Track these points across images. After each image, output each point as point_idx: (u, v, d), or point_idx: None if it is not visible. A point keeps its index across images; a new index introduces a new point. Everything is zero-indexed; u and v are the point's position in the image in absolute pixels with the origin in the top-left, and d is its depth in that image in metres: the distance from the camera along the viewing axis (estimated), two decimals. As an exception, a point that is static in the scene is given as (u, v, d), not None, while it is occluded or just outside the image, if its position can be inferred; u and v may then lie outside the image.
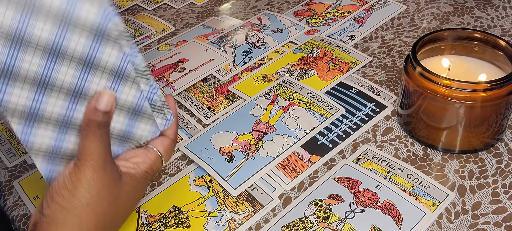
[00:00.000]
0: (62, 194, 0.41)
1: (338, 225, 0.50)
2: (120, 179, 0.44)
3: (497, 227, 0.49)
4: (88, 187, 0.41)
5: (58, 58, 0.42)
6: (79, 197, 0.41)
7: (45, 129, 0.43)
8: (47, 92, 0.42)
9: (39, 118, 0.43)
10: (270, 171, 0.57)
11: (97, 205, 0.42)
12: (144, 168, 0.46)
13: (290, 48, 0.77)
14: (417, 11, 0.83)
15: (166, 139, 0.49)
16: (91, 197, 0.41)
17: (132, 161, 0.46)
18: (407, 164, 0.56)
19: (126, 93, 0.46)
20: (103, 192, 0.42)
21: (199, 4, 0.94)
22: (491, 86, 0.51)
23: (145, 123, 0.48)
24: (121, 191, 0.44)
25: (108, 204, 0.43)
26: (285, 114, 0.64)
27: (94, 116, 0.42)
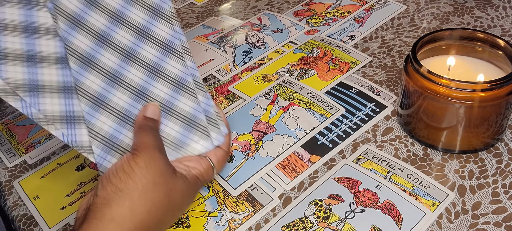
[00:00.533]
0: (119, 175, 0.42)
1: (338, 225, 0.50)
2: (175, 173, 0.45)
3: (497, 227, 0.49)
4: (145, 171, 0.42)
5: (131, 61, 0.50)
6: (136, 180, 0.41)
7: (107, 117, 0.48)
8: (117, 86, 0.49)
9: (105, 105, 0.48)
10: (270, 171, 0.57)
11: (151, 192, 0.42)
12: (195, 173, 0.47)
13: (290, 48, 0.77)
14: (417, 11, 0.83)
15: (219, 150, 0.50)
16: (147, 182, 0.42)
17: (185, 164, 0.48)
18: (407, 164, 0.56)
19: (184, 103, 0.50)
20: (159, 179, 0.42)
21: (199, 4, 0.94)
22: (491, 86, 0.51)
23: (199, 136, 0.50)
24: (175, 185, 0.44)
25: (162, 194, 0.43)
26: (285, 115, 0.64)
27: (145, 122, 0.47)
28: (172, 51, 0.51)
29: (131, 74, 0.50)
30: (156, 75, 0.50)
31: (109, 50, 0.50)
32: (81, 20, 0.50)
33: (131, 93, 0.49)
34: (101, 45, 0.50)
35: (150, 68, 0.50)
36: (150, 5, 0.52)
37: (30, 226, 0.55)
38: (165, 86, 0.50)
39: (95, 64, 0.49)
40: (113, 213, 0.40)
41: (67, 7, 0.50)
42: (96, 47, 0.49)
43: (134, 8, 0.52)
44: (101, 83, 0.49)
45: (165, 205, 0.43)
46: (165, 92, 0.50)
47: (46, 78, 0.47)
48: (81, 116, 0.47)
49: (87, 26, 0.50)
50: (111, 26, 0.50)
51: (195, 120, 0.50)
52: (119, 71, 0.49)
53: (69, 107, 0.47)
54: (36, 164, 0.63)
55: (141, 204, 0.41)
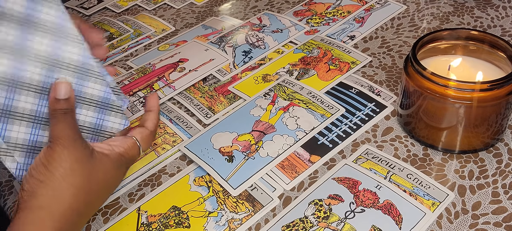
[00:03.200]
0: (38, 169, 0.45)
1: (338, 225, 0.50)
2: (92, 155, 0.47)
3: (497, 227, 0.49)
4: (60, 161, 0.45)
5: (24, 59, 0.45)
6: (53, 171, 0.45)
7: (19, 125, 0.47)
8: (18, 90, 0.45)
9: (13, 114, 0.46)
10: (270, 171, 0.57)
11: (70, 177, 0.45)
12: (118, 151, 0.50)
13: (290, 48, 0.77)
14: (417, 11, 0.83)
15: (144, 130, 0.53)
16: (65, 170, 0.45)
17: (108, 143, 0.50)
18: (407, 164, 0.56)
19: (91, 88, 0.49)
20: (75, 164, 0.45)
21: (199, 4, 0.94)
22: (491, 86, 0.51)
23: (114, 115, 0.51)
24: (94, 167, 0.47)
25: (83, 178, 0.46)
26: (285, 115, 0.64)
27: (57, 105, 0.46)
28: (65, 36, 0.46)
29: (29, 73, 0.45)
30: (56, 67, 0.46)
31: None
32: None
33: (35, 93, 0.46)
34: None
35: (47, 61, 0.45)
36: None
37: (30, 226, 0.55)
38: (69, 76, 0.47)
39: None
40: (40, 202, 0.44)
41: None
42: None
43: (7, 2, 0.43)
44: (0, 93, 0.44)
45: (88, 186, 0.46)
46: (71, 82, 0.47)
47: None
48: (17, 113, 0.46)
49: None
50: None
51: (106, 102, 0.50)
52: (15, 74, 0.44)
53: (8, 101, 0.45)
54: (36, 164, 0.63)
55: (63, 190, 0.45)
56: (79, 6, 0.98)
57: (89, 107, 0.49)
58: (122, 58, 0.81)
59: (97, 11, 0.96)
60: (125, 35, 0.86)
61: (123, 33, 0.87)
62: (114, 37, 0.86)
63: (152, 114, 0.55)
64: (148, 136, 0.53)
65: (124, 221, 0.54)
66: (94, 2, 0.99)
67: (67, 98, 0.46)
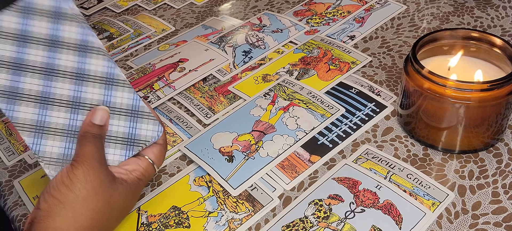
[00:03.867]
0: (59, 188, 0.43)
1: (338, 225, 0.50)
2: (115, 180, 0.46)
3: (497, 227, 0.49)
4: (84, 182, 0.44)
5: (53, 76, 0.47)
6: (76, 192, 0.43)
7: (53, 139, 0.47)
8: (49, 106, 0.47)
9: (46, 130, 0.47)
10: (270, 171, 0.57)
11: (92, 201, 0.44)
12: (136, 175, 0.48)
13: (290, 48, 0.77)
14: (417, 11, 0.83)
15: (156, 146, 0.51)
16: (87, 193, 0.43)
17: (124, 168, 0.48)
18: (407, 164, 0.56)
19: (121, 97, 0.49)
20: (99, 188, 0.44)
21: (199, 4, 0.94)
22: (491, 86, 0.51)
23: (146, 122, 0.50)
24: (116, 191, 0.46)
25: (103, 202, 0.45)
26: (285, 115, 0.64)
27: (90, 129, 0.46)
28: (88, 50, 0.48)
29: (58, 89, 0.47)
30: (84, 80, 0.48)
31: (28, 74, 0.47)
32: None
33: (66, 108, 0.48)
34: (18, 73, 0.46)
35: (74, 75, 0.48)
36: (49, 11, 0.47)
37: (30, 226, 0.55)
38: (96, 88, 0.49)
39: (21, 95, 0.47)
40: (58, 223, 0.42)
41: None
42: (15, 77, 0.46)
43: (34, 22, 0.47)
44: (33, 110, 0.47)
45: (107, 211, 0.45)
46: (98, 93, 0.49)
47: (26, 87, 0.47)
48: (50, 128, 0.47)
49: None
50: (20, 50, 0.47)
51: (136, 110, 0.50)
52: (46, 92, 0.47)
53: (41, 117, 0.48)
54: (36, 164, 0.63)
55: (83, 213, 0.43)
56: (79, 6, 0.98)
57: (120, 117, 0.49)
58: (122, 58, 0.81)
59: (97, 11, 0.96)
60: (125, 35, 0.86)
61: (123, 33, 0.87)
62: (114, 37, 0.86)
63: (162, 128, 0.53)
64: (160, 151, 0.52)
65: (124, 221, 0.54)
66: (94, 2, 0.99)
67: (102, 125, 0.47)
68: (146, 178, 0.50)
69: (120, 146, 0.49)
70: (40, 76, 0.47)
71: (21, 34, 0.46)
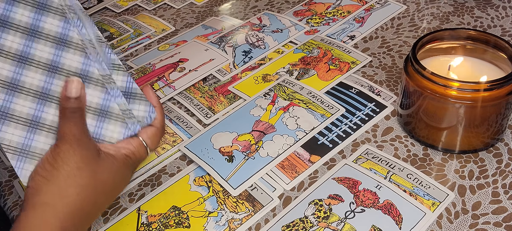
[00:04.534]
0: (45, 167, 0.45)
1: (338, 225, 0.50)
2: (99, 155, 0.47)
3: (497, 227, 0.49)
4: (66, 159, 0.45)
5: (26, 65, 0.47)
6: (59, 168, 0.45)
7: (14, 127, 0.47)
8: (17, 94, 0.47)
9: (9, 116, 0.47)
10: (270, 171, 0.57)
11: (76, 177, 0.45)
12: (124, 152, 0.49)
13: (290, 48, 0.77)
14: (417, 11, 0.83)
15: (151, 128, 0.51)
16: (70, 169, 0.45)
17: (114, 145, 0.49)
18: (407, 164, 0.56)
19: (91, 94, 0.48)
20: (81, 163, 0.45)
21: (199, 4, 0.94)
22: (491, 86, 0.51)
23: (113, 124, 0.49)
24: (100, 166, 0.47)
25: (88, 177, 0.46)
26: (285, 114, 0.64)
27: (67, 103, 0.46)
28: (67, 44, 0.48)
29: (29, 78, 0.47)
30: (56, 73, 0.47)
31: (1, 59, 0.46)
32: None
33: (34, 98, 0.47)
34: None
35: (48, 67, 0.47)
36: (35, 1, 0.47)
37: (30, 226, 0.55)
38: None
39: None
40: (44, 198, 0.44)
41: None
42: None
43: (16, 8, 0.47)
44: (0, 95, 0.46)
45: (93, 185, 0.46)
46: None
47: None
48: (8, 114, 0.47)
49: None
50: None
51: (106, 109, 0.49)
52: (15, 78, 0.47)
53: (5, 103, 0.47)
54: (36, 164, 0.63)
55: (68, 187, 0.45)
56: (79, 6, 0.98)
57: (87, 115, 0.48)
58: (122, 58, 0.81)
59: (97, 11, 0.96)
60: (125, 35, 0.86)
61: (123, 33, 0.87)
62: (114, 37, 0.86)
63: (156, 109, 0.53)
64: (155, 134, 0.51)
65: (124, 221, 0.54)
66: (94, 2, 0.99)
67: (78, 97, 0.46)
68: (136, 157, 0.50)
69: (120, 123, 0.49)
70: (11, 62, 0.46)
71: (2, 19, 0.46)
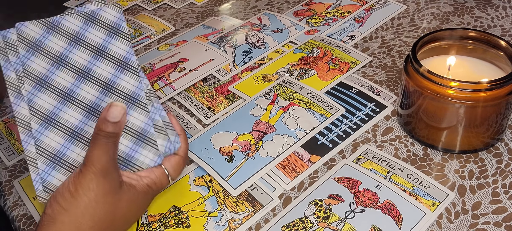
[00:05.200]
0: (64, 195, 0.44)
1: (338, 225, 0.50)
2: (120, 187, 0.46)
3: (497, 227, 0.49)
4: (87, 191, 0.44)
5: (85, 79, 0.51)
6: (77, 198, 0.44)
7: (56, 133, 0.49)
8: (69, 104, 0.50)
9: (54, 123, 0.49)
10: (270, 171, 0.57)
11: (94, 210, 0.44)
12: (146, 182, 0.48)
13: (290, 48, 0.77)
14: (417, 11, 0.83)
15: (174, 157, 0.51)
16: (89, 201, 0.44)
17: (136, 174, 0.49)
18: (407, 164, 0.56)
19: (136, 117, 0.50)
20: (101, 197, 0.44)
21: (199, 4, 0.94)
22: (491, 86, 0.51)
23: (148, 150, 0.50)
24: (120, 200, 0.46)
25: (106, 211, 0.45)
26: (285, 114, 0.64)
27: (103, 126, 0.45)
28: (127, 68, 0.52)
29: (84, 91, 0.50)
30: (109, 92, 0.51)
31: (64, 70, 0.51)
32: (40, 45, 0.52)
33: (82, 110, 0.50)
34: (57, 66, 0.51)
35: (104, 85, 0.51)
36: (108, 24, 0.53)
37: (30, 226, 0.55)
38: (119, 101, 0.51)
39: (49, 85, 0.50)
40: (60, 228, 0.43)
41: (28, 34, 0.52)
42: (52, 69, 0.51)
43: (92, 29, 0.53)
44: (53, 102, 0.50)
45: (110, 219, 0.46)
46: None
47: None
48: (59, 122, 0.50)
49: (45, 50, 0.51)
50: (68, 48, 0.52)
51: (145, 134, 0.50)
52: (72, 90, 0.50)
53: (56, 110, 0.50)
54: (36, 164, 0.63)
55: (84, 221, 0.44)
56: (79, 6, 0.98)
57: (126, 135, 0.50)
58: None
59: (97, 11, 0.96)
60: (125, 35, 0.86)
61: (123, 33, 0.87)
62: (114, 37, 0.86)
63: (181, 137, 0.53)
64: (178, 162, 0.52)
65: (124, 221, 0.54)
66: (94, 2, 0.99)
67: (117, 122, 0.46)
68: (158, 186, 0.49)
69: (154, 151, 0.50)
70: (73, 75, 0.51)
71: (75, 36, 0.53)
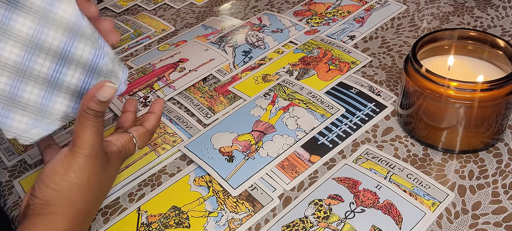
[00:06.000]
0: (53, 179, 0.44)
1: (338, 225, 0.50)
2: (108, 163, 0.48)
3: (497, 227, 0.49)
4: (79, 173, 0.45)
5: (35, 51, 0.45)
6: (70, 182, 0.45)
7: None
8: (25, 80, 0.45)
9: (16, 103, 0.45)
10: (270, 171, 0.57)
11: (86, 188, 0.46)
12: (116, 147, 0.50)
13: (290, 48, 0.77)
14: (417, 11, 0.83)
15: (142, 128, 0.53)
16: (82, 182, 0.45)
17: (107, 139, 0.50)
18: (407, 164, 0.56)
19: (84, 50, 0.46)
20: (93, 177, 0.46)
21: (199, 4, 0.94)
22: (491, 86, 0.51)
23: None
24: (107, 173, 0.48)
25: (96, 186, 0.47)
26: (285, 115, 0.64)
27: (93, 105, 0.44)
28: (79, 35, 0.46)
29: (37, 64, 0.44)
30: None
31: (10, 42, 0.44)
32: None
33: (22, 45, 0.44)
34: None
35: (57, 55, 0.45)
36: None
37: (30, 226, 0.55)
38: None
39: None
40: (54, 209, 0.44)
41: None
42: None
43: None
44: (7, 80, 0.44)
45: (98, 191, 0.48)
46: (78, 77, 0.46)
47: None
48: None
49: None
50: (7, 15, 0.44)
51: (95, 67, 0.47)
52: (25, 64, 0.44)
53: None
54: (36, 164, 0.63)
55: (78, 199, 0.45)
56: (79, 6, 0.98)
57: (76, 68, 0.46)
58: (122, 58, 0.81)
59: (97, 11, 0.96)
60: (125, 35, 0.86)
61: (123, 33, 0.87)
62: (114, 37, 0.86)
63: (153, 116, 0.55)
64: (145, 134, 0.53)
65: (124, 221, 0.54)
66: (94, 2, 0.99)
67: (106, 101, 0.45)
68: (126, 151, 0.51)
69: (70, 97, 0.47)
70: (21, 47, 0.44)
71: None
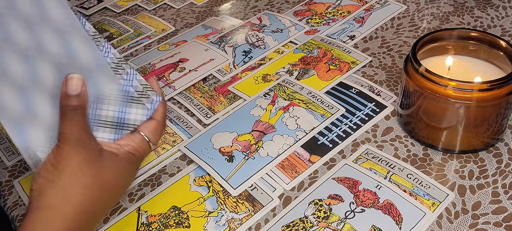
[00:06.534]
0: (47, 169, 0.45)
1: (338, 225, 0.50)
2: (101, 154, 0.47)
3: (497, 227, 0.49)
4: (68, 159, 0.45)
5: (39, 56, 0.45)
6: (61, 170, 0.44)
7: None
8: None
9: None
10: (270, 171, 0.57)
11: (80, 176, 0.45)
12: (127, 149, 0.49)
13: (290, 48, 0.77)
14: (417, 11, 0.83)
15: (152, 122, 0.51)
16: (73, 169, 0.45)
17: (116, 143, 0.49)
18: (407, 164, 0.56)
19: (104, 84, 0.48)
20: (84, 164, 0.45)
21: (199, 4, 0.94)
22: (491, 86, 0.51)
23: (136, 107, 0.49)
24: (103, 165, 0.47)
25: (91, 176, 0.45)
26: (285, 114, 0.64)
27: (67, 101, 0.45)
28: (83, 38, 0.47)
29: (41, 70, 0.45)
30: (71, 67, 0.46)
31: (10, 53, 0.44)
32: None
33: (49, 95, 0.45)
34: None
35: (62, 61, 0.46)
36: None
37: (30, 226, 0.55)
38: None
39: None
40: (49, 201, 0.44)
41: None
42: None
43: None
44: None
45: (98, 185, 0.46)
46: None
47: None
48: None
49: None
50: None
51: (127, 95, 0.49)
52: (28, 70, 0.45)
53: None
54: (36, 164, 0.63)
55: (73, 188, 0.45)
56: (79, 6, 0.98)
57: (109, 102, 0.48)
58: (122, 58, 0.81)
59: (97, 11, 0.96)
60: (125, 35, 0.86)
61: (123, 33, 0.87)
62: (114, 37, 0.86)
63: (160, 97, 0.53)
64: (156, 127, 0.51)
65: (124, 221, 0.54)
66: (94, 2, 0.99)
67: (78, 94, 0.45)
68: (140, 153, 0.50)
69: (109, 129, 0.49)
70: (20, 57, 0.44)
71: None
